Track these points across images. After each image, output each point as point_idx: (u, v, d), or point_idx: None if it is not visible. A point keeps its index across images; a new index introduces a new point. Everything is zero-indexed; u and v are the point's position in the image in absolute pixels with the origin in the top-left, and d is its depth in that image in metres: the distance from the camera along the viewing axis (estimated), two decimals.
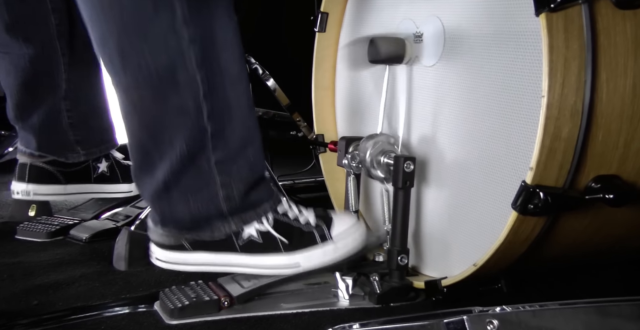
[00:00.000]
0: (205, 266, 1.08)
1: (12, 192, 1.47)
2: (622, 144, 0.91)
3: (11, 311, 1.06)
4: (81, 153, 1.50)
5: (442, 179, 1.13)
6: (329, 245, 1.08)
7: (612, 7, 0.88)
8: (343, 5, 1.42)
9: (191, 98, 0.98)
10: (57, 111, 1.46)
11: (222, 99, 1.00)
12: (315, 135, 1.49)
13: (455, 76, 1.08)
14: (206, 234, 1.05)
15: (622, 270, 1.22)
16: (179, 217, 1.05)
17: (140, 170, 1.05)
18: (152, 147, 1.01)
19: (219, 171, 1.02)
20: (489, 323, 0.81)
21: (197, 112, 0.98)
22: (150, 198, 1.06)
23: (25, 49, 1.39)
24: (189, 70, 0.96)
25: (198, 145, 1.00)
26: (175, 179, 1.01)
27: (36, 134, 1.45)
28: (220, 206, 1.04)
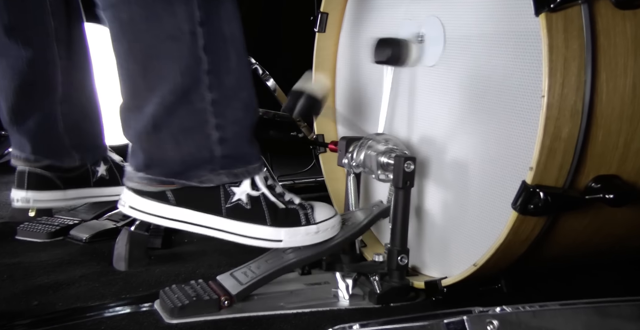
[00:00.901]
0: (184, 224, 1.02)
1: (12, 200, 1.46)
2: (622, 144, 0.91)
3: (11, 311, 1.06)
4: (76, 158, 1.50)
5: (443, 179, 1.13)
6: (312, 227, 1.07)
7: (612, 8, 0.88)
8: (343, 5, 1.42)
9: (186, 21, 0.92)
10: (53, 115, 1.45)
11: (218, 31, 0.96)
12: (315, 135, 1.49)
13: (455, 76, 1.08)
14: (193, 180, 1.00)
15: (622, 270, 1.23)
16: (167, 158, 0.99)
17: (128, 106, 0.99)
18: (142, 79, 0.96)
19: (213, 111, 0.97)
20: (489, 323, 0.81)
21: (192, 38, 0.93)
22: (137, 137, 1.00)
23: (24, 52, 1.39)
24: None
25: (192, 78, 0.95)
26: (166, 116, 0.96)
27: (31, 138, 1.44)
28: (213, 149, 0.99)
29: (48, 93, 1.44)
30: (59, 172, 1.48)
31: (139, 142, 1.01)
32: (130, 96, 0.98)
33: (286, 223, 1.05)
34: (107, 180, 1.56)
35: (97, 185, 1.55)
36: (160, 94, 0.95)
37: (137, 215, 1.02)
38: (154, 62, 0.94)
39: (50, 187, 1.47)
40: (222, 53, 0.97)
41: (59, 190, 1.49)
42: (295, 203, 1.08)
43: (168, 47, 0.93)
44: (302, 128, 1.90)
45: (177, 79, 0.94)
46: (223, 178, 1.02)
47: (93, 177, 1.54)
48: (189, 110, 0.97)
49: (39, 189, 1.46)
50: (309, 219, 1.07)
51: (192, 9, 0.93)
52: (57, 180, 1.47)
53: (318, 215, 1.08)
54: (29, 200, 1.45)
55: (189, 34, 0.93)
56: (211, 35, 0.95)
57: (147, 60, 0.95)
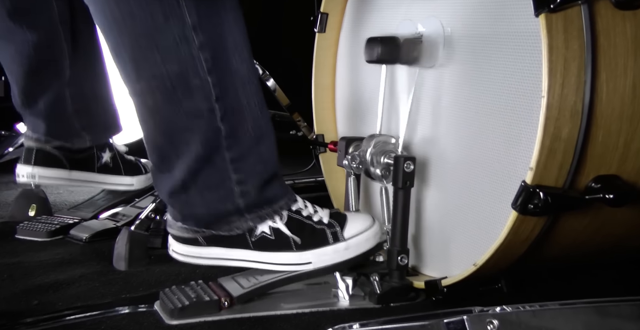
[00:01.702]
0: (218, 260, 1.10)
1: (16, 176, 1.47)
2: (622, 144, 0.91)
3: (11, 311, 1.06)
4: (87, 138, 1.52)
5: (442, 179, 1.13)
6: (340, 245, 1.08)
7: (612, 8, 0.88)
8: (343, 5, 1.42)
9: (204, 101, 1.00)
10: (62, 97, 1.47)
11: (233, 100, 1.02)
12: (315, 135, 1.50)
13: (454, 77, 1.08)
14: (223, 229, 1.07)
15: (622, 270, 1.23)
16: (197, 213, 1.07)
17: (159, 171, 1.08)
18: (169, 149, 1.04)
19: (234, 169, 1.04)
20: (489, 323, 0.81)
21: (211, 115, 1.01)
22: (169, 196, 1.08)
23: (29, 36, 1.40)
24: (201, 75, 0.99)
25: (213, 145, 1.03)
26: (193, 178, 1.04)
27: (44, 119, 1.47)
28: (237, 202, 1.06)
29: (56, 75, 1.46)
30: (67, 152, 1.49)
31: (171, 200, 1.09)
32: (159, 162, 1.07)
33: (312, 244, 1.08)
34: (111, 168, 1.58)
35: (100, 171, 1.57)
36: (186, 161, 1.03)
37: (180, 259, 1.12)
38: (180, 136, 1.03)
39: (57, 165, 1.49)
40: (239, 118, 1.03)
41: (65, 169, 1.50)
42: (324, 222, 1.10)
43: (191, 123, 1.01)
44: (302, 128, 1.90)
45: (199, 148, 1.02)
46: (249, 223, 1.08)
47: (97, 162, 1.56)
48: (211, 170, 1.04)
49: (45, 166, 1.48)
50: (337, 237, 1.09)
51: (208, 89, 1.00)
52: (64, 160, 1.49)
53: (348, 231, 1.10)
54: (34, 175, 1.47)
55: (207, 111, 1.01)
56: (228, 107, 1.02)
57: (174, 135, 1.03)
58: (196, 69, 0.98)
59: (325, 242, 1.08)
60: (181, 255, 1.12)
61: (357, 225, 1.11)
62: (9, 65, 1.46)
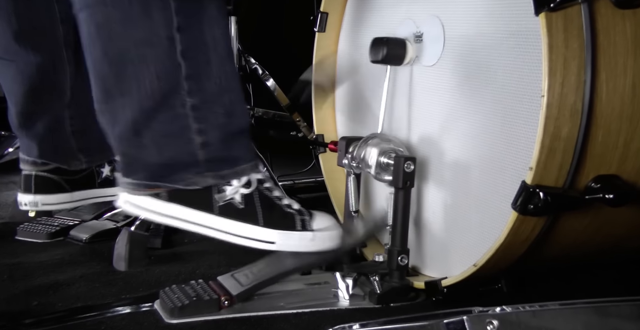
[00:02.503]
0: (176, 221, 1.02)
1: (19, 204, 1.47)
2: (622, 144, 0.91)
3: (11, 312, 1.06)
4: (83, 160, 1.50)
5: (442, 179, 1.13)
6: (308, 233, 1.05)
7: (612, 7, 0.88)
8: (343, 5, 1.42)
9: (163, 26, 0.92)
10: (61, 119, 1.46)
11: (198, 37, 0.95)
12: (315, 135, 1.49)
13: (455, 76, 1.08)
14: (178, 183, 1.00)
15: (622, 270, 1.22)
16: (150, 163, 1.00)
17: (101, 110, 0.99)
18: (115, 81, 0.95)
19: (195, 116, 0.97)
20: (489, 323, 0.81)
21: (170, 45, 0.93)
22: (118, 141, 1.00)
23: (33, 58, 1.39)
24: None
25: (171, 83, 0.95)
26: (146, 121, 0.96)
27: (39, 141, 1.45)
28: (196, 154, 0.99)
29: (57, 97, 1.45)
30: (65, 175, 1.48)
31: (119, 147, 1.01)
32: (103, 100, 0.98)
33: (280, 225, 1.04)
34: (112, 180, 1.57)
35: (102, 185, 1.56)
36: (136, 99, 0.95)
37: (132, 210, 1.03)
38: (129, 66, 0.94)
39: (57, 190, 1.48)
40: (202, 59, 0.96)
41: (66, 192, 1.50)
42: (293, 208, 1.07)
43: (144, 51, 0.93)
44: (302, 128, 1.90)
45: (154, 83, 0.94)
46: (209, 180, 1.01)
47: (98, 178, 1.55)
48: (169, 115, 0.97)
49: (46, 192, 1.47)
50: (305, 225, 1.05)
51: (169, 14, 0.92)
52: (63, 183, 1.48)
53: (316, 224, 1.07)
54: (37, 203, 1.46)
55: (166, 39, 0.93)
56: (190, 41, 0.94)
57: (122, 64, 0.94)
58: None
59: (293, 227, 1.04)
60: (136, 207, 1.02)
61: (324, 222, 1.08)
62: (9, 86, 1.44)
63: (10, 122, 1.46)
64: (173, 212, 1.02)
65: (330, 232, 1.08)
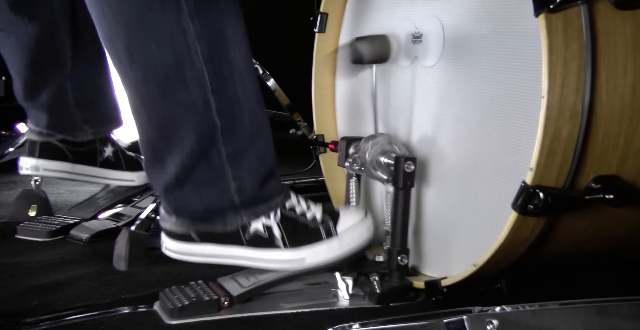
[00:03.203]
0: (211, 258, 1.10)
1: (20, 168, 1.47)
2: (622, 144, 0.91)
3: (11, 311, 1.06)
4: (89, 132, 1.52)
5: (442, 179, 1.13)
6: (334, 241, 1.08)
7: (612, 8, 0.88)
8: (343, 5, 1.42)
9: (199, 94, 0.99)
10: (63, 90, 1.47)
11: (230, 92, 1.01)
12: (315, 136, 1.50)
13: (454, 77, 1.08)
14: (218, 226, 1.07)
15: (622, 270, 1.23)
16: (192, 209, 1.07)
17: (151, 165, 1.07)
18: (161, 142, 1.03)
19: (230, 164, 1.04)
20: (489, 323, 0.82)
21: (206, 108, 0.99)
22: (163, 191, 1.07)
23: (31, 27, 1.40)
24: (196, 66, 0.97)
25: (208, 139, 1.01)
26: (187, 173, 1.03)
27: (46, 112, 1.47)
28: (233, 198, 1.05)
29: (57, 67, 1.46)
30: (71, 146, 1.49)
31: (165, 195, 1.08)
32: (152, 158, 1.06)
33: (306, 241, 1.08)
34: (112, 162, 1.58)
35: (102, 165, 1.57)
36: (180, 156, 1.01)
37: (173, 256, 1.12)
38: (173, 129, 1.01)
39: (60, 157, 1.50)
40: (235, 112, 1.02)
41: (68, 162, 1.51)
42: (317, 219, 1.10)
43: (184, 116, 1.00)
44: (302, 128, 1.90)
45: (194, 142, 1.01)
46: (244, 219, 1.07)
47: (100, 157, 1.56)
48: (207, 166, 1.03)
49: (49, 158, 1.48)
50: (330, 232, 1.09)
51: (204, 81, 0.98)
52: (67, 152, 1.49)
53: (341, 226, 1.10)
54: (38, 168, 1.47)
55: (202, 103, 0.99)
56: (224, 99, 1.00)
57: (167, 129, 1.02)
58: (191, 58, 0.97)
59: (319, 238, 1.08)
60: (174, 253, 1.11)
61: (349, 220, 1.11)
62: (10, 58, 1.46)
63: (16, 94, 1.48)
64: (208, 252, 1.09)
65: (357, 230, 1.10)
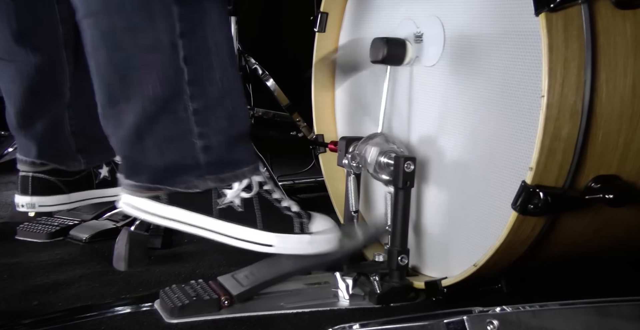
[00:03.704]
0: (176, 223, 1.04)
1: (16, 206, 1.46)
2: (622, 144, 0.91)
3: (11, 311, 1.06)
4: (82, 161, 1.50)
5: (442, 179, 1.13)
6: (305, 236, 1.06)
7: (612, 7, 0.88)
8: (343, 5, 1.42)
9: (166, 33, 0.93)
10: (60, 120, 1.46)
11: (201, 42, 0.97)
12: (315, 135, 1.50)
13: (455, 76, 1.08)
14: (179, 186, 1.02)
15: (622, 270, 1.23)
16: (152, 166, 1.01)
17: (105, 115, 1.01)
18: (119, 86, 0.97)
19: (196, 121, 0.99)
20: (489, 323, 0.81)
21: (172, 51, 0.94)
22: (121, 145, 1.02)
23: (32, 58, 1.39)
24: (165, 2, 0.93)
25: (173, 88, 0.96)
26: (149, 125, 0.98)
27: (38, 142, 1.45)
28: (197, 157, 1.00)
29: (56, 98, 1.44)
30: (63, 176, 1.48)
31: (122, 150, 1.02)
32: (107, 105, 0.99)
33: (278, 228, 1.05)
34: (110, 181, 1.57)
35: (100, 186, 1.56)
36: (140, 103, 0.96)
37: (132, 212, 1.04)
38: (133, 72, 0.95)
39: (55, 191, 1.48)
40: (204, 64, 0.97)
41: (63, 194, 1.49)
42: (292, 210, 1.07)
43: (147, 58, 0.94)
44: (302, 128, 1.90)
45: (157, 89, 0.95)
46: (209, 183, 1.03)
47: (96, 179, 1.55)
48: (171, 119, 0.98)
49: (44, 194, 1.46)
50: (303, 227, 1.06)
51: (172, 21, 0.93)
52: (60, 185, 1.48)
53: (314, 226, 1.07)
54: (34, 205, 1.45)
55: (168, 45, 0.94)
56: (193, 46, 0.95)
57: (126, 70, 0.95)
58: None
59: (291, 230, 1.05)
60: (136, 210, 1.03)
61: (323, 224, 1.08)
62: (8, 87, 1.43)
63: (9, 122, 1.46)
64: (173, 215, 1.03)
65: (328, 235, 1.08)
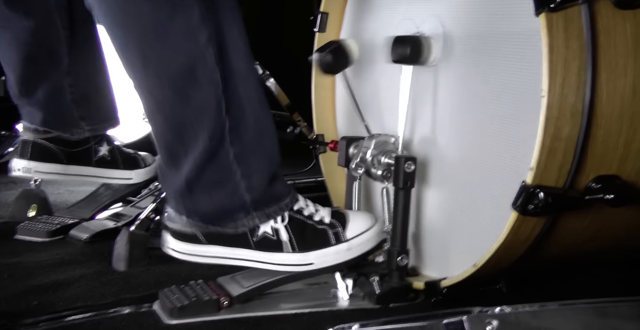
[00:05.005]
0: (218, 259, 1.10)
1: (12, 169, 1.46)
2: (622, 144, 0.91)
3: (11, 311, 1.06)
4: (86, 129, 1.51)
5: (443, 179, 1.13)
6: (342, 245, 1.08)
7: (612, 8, 0.88)
8: (343, 5, 1.42)
9: (212, 94, 1.00)
10: (60, 86, 1.47)
11: (235, 93, 1.02)
12: (315, 135, 1.49)
13: (455, 76, 1.08)
14: (229, 226, 1.07)
15: (622, 270, 1.22)
16: (203, 211, 1.06)
17: (168, 168, 1.07)
18: (178, 144, 1.03)
19: (238, 163, 1.04)
20: (489, 323, 0.82)
21: (218, 108, 1.01)
22: (174, 193, 1.08)
23: (26, 22, 1.40)
24: (209, 68, 0.99)
25: (219, 139, 1.02)
26: (198, 174, 1.03)
27: (41, 108, 1.46)
28: (243, 197, 1.05)
29: (54, 63, 1.45)
30: (64, 146, 1.49)
31: (175, 197, 1.08)
32: (169, 159, 1.06)
33: (314, 245, 1.08)
34: (108, 161, 1.57)
35: (98, 164, 1.56)
36: (192, 156, 1.02)
37: (177, 256, 1.10)
38: (188, 130, 1.02)
39: (53, 159, 1.49)
40: (240, 113, 1.03)
41: (61, 163, 1.50)
42: (325, 222, 1.09)
43: (199, 117, 1.01)
44: (302, 128, 1.90)
45: (206, 142, 1.01)
46: (256, 221, 1.07)
47: (95, 156, 1.55)
48: (216, 166, 1.03)
49: (41, 160, 1.47)
50: (339, 237, 1.08)
51: (217, 82, 0.99)
52: (60, 153, 1.49)
53: (350, 231, 1.09)
54: (30, 169, 1.46)
55: (215, 104, 1.00)
56: (230, 99, 1.01)
57: (182, 131, 1.02)
58: (205, 61, 0.98)
59: (327, 243, 1.08)
60: (179, 253, 1.10)
61: (358, 225, 1.10)
62: (5, 53, 1.45)
63: (10, 91, 1.47)
64: (214, 253, 1.09)
65: (366, 234, 1.10)
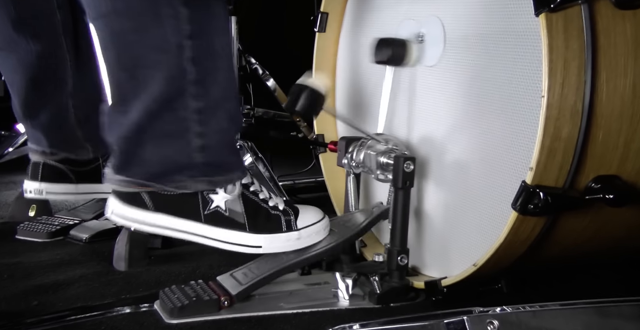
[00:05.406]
0: (164, 229, 1.05)
1: (24, 191, 1.47)
2: (622, 144, 0.91)
3: (11, 311, 1.06)
4: (90, 150, 1.51)
5: (442, 179, 1.13)
6: (293, 233, 1.08)
7: (612, 8, 0.88)
8: (343, 5, 1.42)
9: (173, 35, 0.96)
10: (64, 108, 1.47)
11: (208, 44, 0.99)
12: (315, 135, 1.50)
13: (455, 76, 1.08)
14: (169, 185, 1.03)
15: (622, 270, 1.22)
16: (146, 161, 1.02)
17: (114, 110, 1.02)
18: (128, 84, 0.99)
19: (197, 119, 1.00)
20: (489, 323, 0.81)
21: (179, 51, 0.96)
22: (119, 139, 1.02)
23: (32, 46, 1.40)
24: (174, 4, 0.95)
25: (177, 88, 0.98)
26: (150, 121, 0.99)
27: (45, 131, 1.46)
28: (192, 156, 1.02)
29: (58, 86, 1.45)
30: (73, 166, 1.49)
31: (120, 143, 1.03)
32: (118, 101, 1.01)
33: (266, 229, 1.07)
34: None
35: None
36: (145, 101, 0.98)
37: (119, 222, 1.06)
38: (141, 71, 0.97)
39: (63, 179, 1.49)
40: (210, 65, 1.00)
41: (71, 183, 1.50)
42: (279, 209, 1.09)
43: (155, 57, 0.97)
44: (302, 128, 1.90)
45: (162, 87, 0.97)
46: (200, 185, 1.04)
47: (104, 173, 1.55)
48: (171, 116, 0.99)
49: (52, 181, 1.48)
50: (290, 225, 1.08)
51: (180, 22, 0.96)
52: (70, 174, 1.49)
53: (301, 222, 1.09)
54: (41, 191, 1.47)
55: (176, 46, 0.96)
56: (200, 48, 0.98)
57: (135, 69, 0.98)
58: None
59: (279, 229, 1.08)
60: (123, 218, 1.04)
61: (309, 217, 1.10)
62: (10, 76, 1.45)
63: (15, 113, 1.47)
64: (161, 222, 1.05)
65: (315, 227, 1.10)
